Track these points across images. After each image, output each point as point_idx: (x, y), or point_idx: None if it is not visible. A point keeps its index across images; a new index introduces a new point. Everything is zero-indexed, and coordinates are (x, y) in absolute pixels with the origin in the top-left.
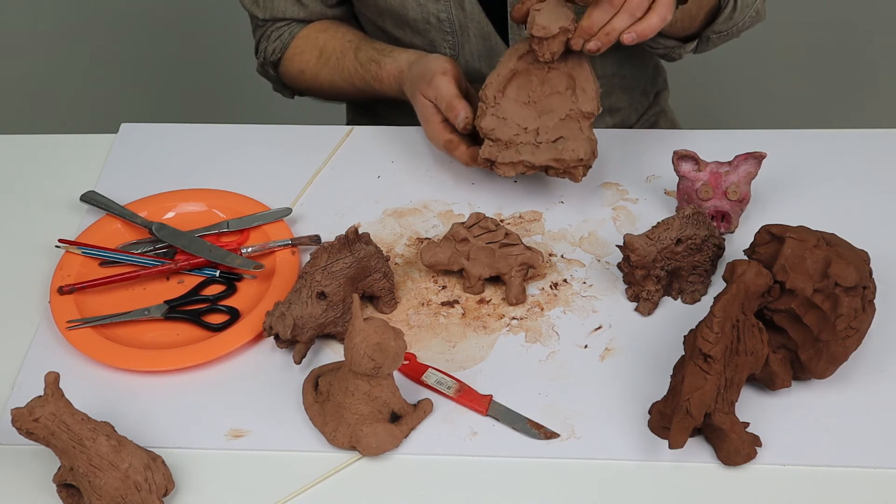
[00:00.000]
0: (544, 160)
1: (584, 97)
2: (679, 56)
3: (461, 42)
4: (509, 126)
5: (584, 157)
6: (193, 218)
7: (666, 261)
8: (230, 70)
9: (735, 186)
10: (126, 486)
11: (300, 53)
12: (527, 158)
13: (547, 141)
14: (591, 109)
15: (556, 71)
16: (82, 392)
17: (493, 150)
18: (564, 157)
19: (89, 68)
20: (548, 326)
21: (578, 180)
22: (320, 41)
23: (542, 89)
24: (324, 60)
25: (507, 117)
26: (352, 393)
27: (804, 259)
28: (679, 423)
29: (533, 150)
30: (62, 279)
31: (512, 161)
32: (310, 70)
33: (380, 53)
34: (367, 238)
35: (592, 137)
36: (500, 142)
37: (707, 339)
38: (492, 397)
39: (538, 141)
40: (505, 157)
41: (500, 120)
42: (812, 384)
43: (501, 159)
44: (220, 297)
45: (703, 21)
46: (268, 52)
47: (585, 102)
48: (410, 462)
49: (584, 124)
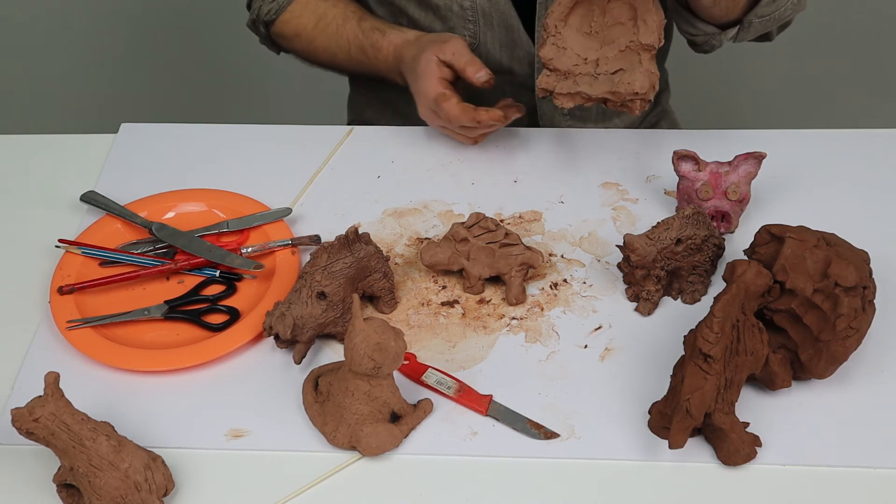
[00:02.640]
0: (601, 92)
1: (644, 29)
2: (718, 44)
3: (483, 30)
4: (568, 56)
5: (641, 91)
6: (193, 218)
7: (666, 261)
8: (230, 70)
9: (735, 186)
10: (126, 486)
11: (297, 17)
12: (584, 90)
13: (606, 72)
14: (652, 41)
15: (618, 1)
16: (82, 392)
17: (550, 79)
18: (621, 89)
19: (89, 68)
20: (548, 326)
21: (636, 114)
22: (320, 8)
23: (605, 19)
24: (322, 27)
25: (567, 47)
26: (352, 393)
27: (804, 259)
28: (679, 423)
29: (591, 82)
30: (62, 279)
31: (570, 92)
32: (306, 35)
33: (385, 25)
34: (367, 238)
35: (653, 71)
36: (558, 72)
37: (707, 339)
38: (492, 397)
39: (597, 72)
40: (563, 88)
41: (559, 49)
42: (812, 384)
43: (559, 89)
44: (220, 297)
45: (746, 5)
46: (262, 11)
47: (646, 34)
48: (410, 462)
49: (645, 57)
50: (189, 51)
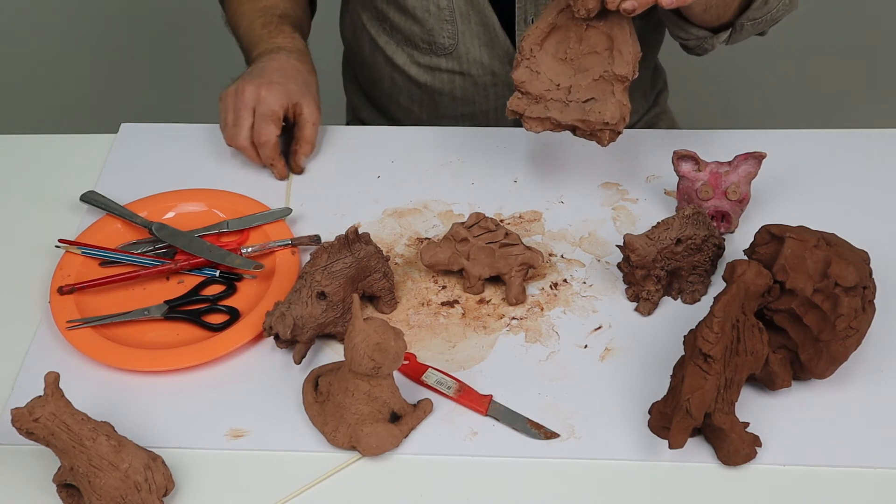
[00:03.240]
0: (571, 119)
1: (619, 60)
2: (711, 47)
3: (461, 30)
4: (541, 81)
5: (611, 121)
6: (193, 218)
7: (666, 261)
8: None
9: (735, 186)
10: (126, 486)
11: None
12: (554, 116)
13: (577, 100)
14: (625, 73)
15: (594, 29)
16: (82, 392)
17: (521, 102)
18: (591, 118)
19: (89, 68)
20: (548, 326)
21: (604, 144)
22: None
23: (580, 47)
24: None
25: (540, 71)
26: (352, 393)
27: (804, 259)
28: (679, 423)
29: (562, 108)
30: (62, 279)
31: (540, 116)
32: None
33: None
34: (367, 238)
35: (624, 103)
36: (529, 95)
37: (707, 339)
38: (492, 397)
39: (569, 99)
40: (533, 112)
41: (533, 73)
42: (812, 384)
43: (529, 113)
44: (220, 297)
45: (737, 9)
46: None
47: (621, 65)
48: (410, 462)
49: (618, 88)
50: (189, 51)
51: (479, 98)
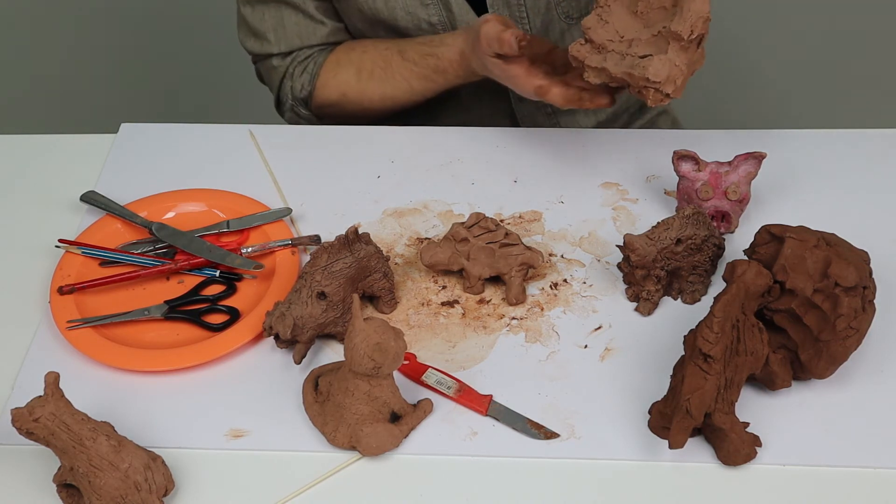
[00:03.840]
0: (622, 72)
1: (679, 17)
2: None
3: None
4: (607, 30)
5: (653, 78)
6: (193, 218)
7: (666, 261)
8: (230, 70)
9: (735, 186)
10: (126, 486)
11: (335, 77)
12: (609, 67)
13: (634, 54)
14: (680, 31)
15: None
16: (82, 392)
17: (583, 50)
18: (636, 72)
19: (89, 68)
20: (548, 326)
21: (649, 103)
22: (354, 59)
23: (651, 1)
24: (367, 75)
25: (610, 21)
26: (352, 393)
27: (804, 259)
28: (679, 423)
29: (618, 61)
30: (62, 279)
31: (598, 66)
32: (352, 89)
33: (430, 46)
34: (367, 238)
35: (676, 63)
36: (592, 43)
37: (707, 339)
38: (492, 397)
39: (627, 52)
40: (593, 61)
41: (601, 21)
42: (812, 384)
43: (589, 62)
44: (220, 297)
45: None
46: (295, 89)
47: (678, 22)
48: (410, 462)
49: (673, 46)
50: (188, 51)
51: (475, 105)
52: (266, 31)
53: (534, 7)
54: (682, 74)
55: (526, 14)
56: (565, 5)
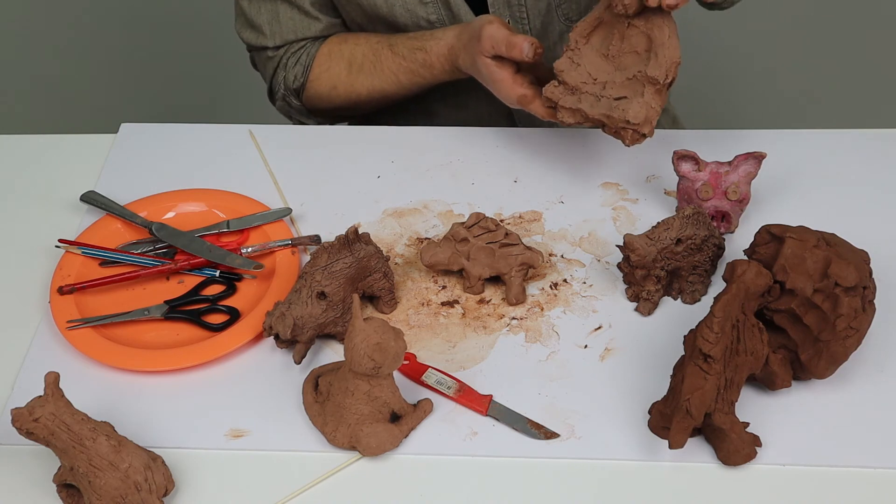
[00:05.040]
0: (598, 113)
1: (654, 62)
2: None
3: None
4: (580, 73)
5: (633, 120)
6: (193, 218)
7: (666, 261)
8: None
9: (735, 186)
10: (126, 486)
11: (327, 70)
12: (584, 108)
13: (609, 96)
14: (657, 76)
15: (636, 28)
16: (82, 392)
17: (556, 91)
18: (615, 115)
19: (89, 68)
20: (548, 326)
21: (627, 144)
22: (345, 52)
23: (622, 45)
24: (357, 68)
25: (581, 63)
26: (352, 393)
27: (804, 259)
28: (679, 423)
29: (593, 103)
30: (62, 279)
31: (572, 107)
32: (342, 83)
33: (420, 40)
34: (367, 238)
35: (653, 105)
36: (566, 85)
37: (707, 339)
38: (492, 397)
39: (602, 94)
40: (567, 102)
41: (573, 64)
42: (812, 384)
43: (563, 103)
44: (220, 297)
45: None
46: (288, 79)
47: (654, 68)
48: (410, 462)
49: (648, 89)
50: (188, 51)
51: (472, 103)
52: (262, 24)
53: (534, 8)
54: (657, 115)
55: (526, 15)
56: (566, 7)
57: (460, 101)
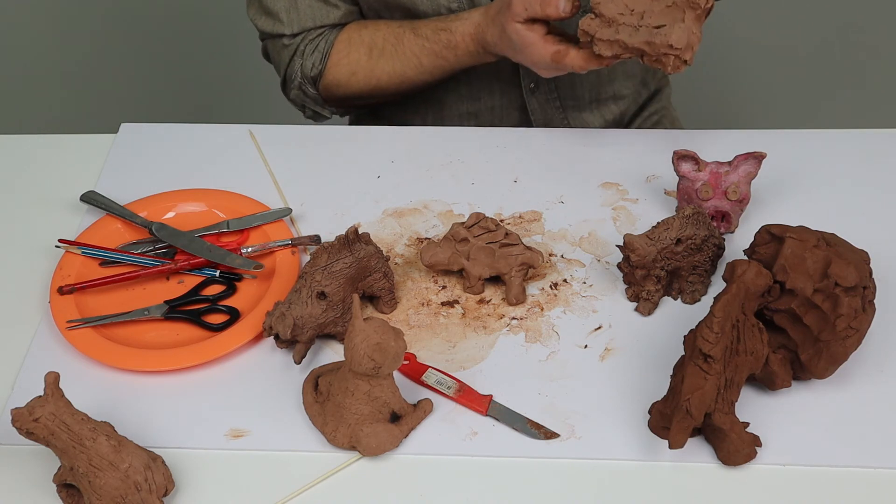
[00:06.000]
0: (639, 42)
1: None
2: None
3: None
4: (616, 4)
5: (676, 45)
6: (193, 218)
7: (666, 261)
8: (230, 70)
9: (735, 186)
10: (126, 486)
11: (346, 56)
12: (623, 38)
13: (648, 25)
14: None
15: None
16: (82, 392)
17: (593, 24)
18: (656, 40)
19: (89, 68)
20: (548, 326)
21: (668, 70)
22: (365, 37)
23: None
24: (377, 52)
25: None
26: (352, 393)
27: (804, 259)
28: (679, 423)
29: (631, 32)
30: (62, 279)
31: (610, 39)
32: (362, 68)
33: (445, 21)
34: (367, 238)
35: (694, 31)
36: (603, 17)
37: (707, 339)
38: (492, 397)
39: (640, 24)
40: (604, 34)
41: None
42: (812, 384)
43: (600, 35)
44: (220, 297)
45: None
46: (305, 67)
47: None
48: (410, 462)
49: (689, 15)
50: (189, 51)
51: (485, 95)
52: (278, 11)
53: None
54: (698, 42)
55: None
56: None
57: (474, 93)
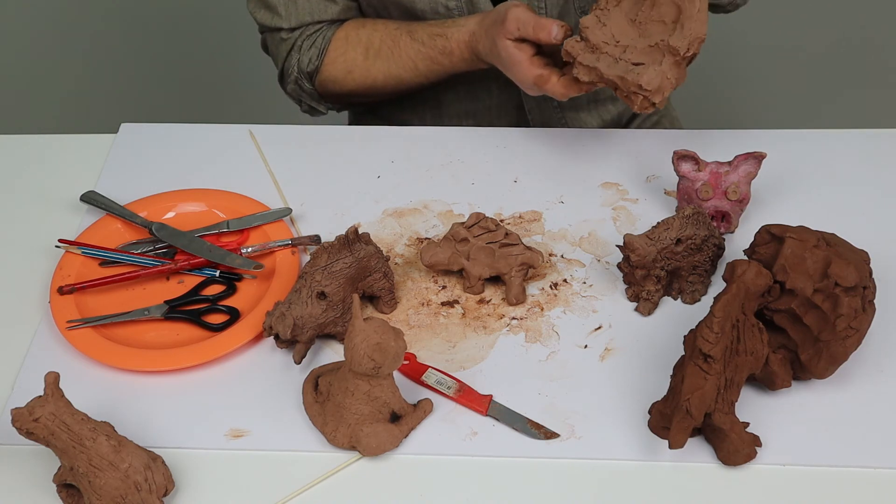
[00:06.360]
0: (614, 75)
1: (679, 33)
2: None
3: None
4: (604, 33)
5: (645, 86)
6: (193, 218)
7: (666, 261)
8: (230, 70)
9: (735, 186)
10: (126, 486)
11: (343, 54)
12: (601, 68)
13: (628, 60)
14: (679, 46)
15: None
16: (82, 392)
17: (577, 47)
18: (629, 77)
19: (89, 68)
20: (548, 326)
21: (635, 109)
22: (363, 37)
23: (651, 13)
24: (374, 53)
25: (607, 24)
26: (352, 393)
27: (804, 259)
28: (679, 423)
29: (610, 63)
30: (62, 279)
31: (589, 65)
32: (358, 67)
33: (441, 27)
34: (367, 238)
35: (668, 76)
36: (588, 42)
37: (707, 339)
38: (492, 397)
39: (620, 57)
40: (585, 59)
41: (599, 23)
42: (812, 384)
43: (581, 59)
44: (220, 297)
45: None
46: (303, 62)
47: (678, 38)
48: (410, 462)
49: (668, 59)
50: (189, 51)
51: (483, 94)
52: (277, 5)
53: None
54: (670, 87)
55: (544, 5)
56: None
57: (472, 93)
